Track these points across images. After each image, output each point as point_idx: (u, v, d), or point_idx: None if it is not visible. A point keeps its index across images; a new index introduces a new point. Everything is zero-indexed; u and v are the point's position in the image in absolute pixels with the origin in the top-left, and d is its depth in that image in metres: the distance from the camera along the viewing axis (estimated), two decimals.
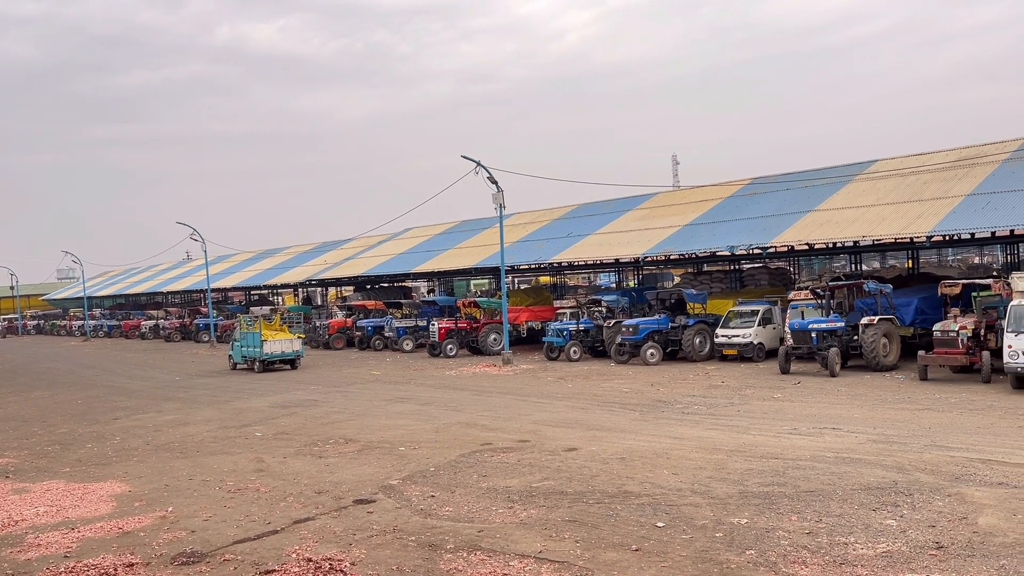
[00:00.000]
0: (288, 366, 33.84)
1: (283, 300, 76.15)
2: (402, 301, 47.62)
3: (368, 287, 57.05)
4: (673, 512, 10.31)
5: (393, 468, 13.70)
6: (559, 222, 43.44)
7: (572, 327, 32.76)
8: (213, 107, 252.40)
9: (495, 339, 35.96)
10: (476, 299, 42.99)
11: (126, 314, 76.78)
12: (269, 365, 33.38)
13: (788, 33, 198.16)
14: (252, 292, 74.26)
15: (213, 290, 61.42)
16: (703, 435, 15.46)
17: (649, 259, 36.43)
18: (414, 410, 20.62)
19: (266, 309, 51.41)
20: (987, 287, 23.14)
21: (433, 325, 37.29)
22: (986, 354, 20.90)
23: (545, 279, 60.69)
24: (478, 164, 31.15)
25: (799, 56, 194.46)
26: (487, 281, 62.90)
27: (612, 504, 10.83)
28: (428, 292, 67.50)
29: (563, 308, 36.91)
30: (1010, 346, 19.12)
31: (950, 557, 8.33)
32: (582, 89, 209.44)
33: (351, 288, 61.97)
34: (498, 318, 36.11)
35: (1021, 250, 45.06)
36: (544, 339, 33.61)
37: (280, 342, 33.55)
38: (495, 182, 31.35)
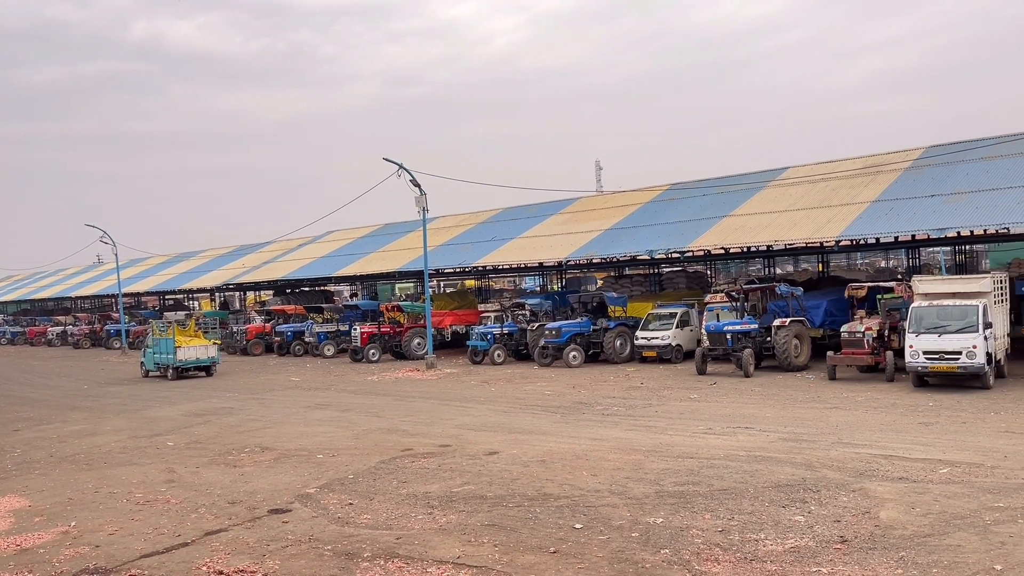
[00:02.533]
0: (203, 373, 32.84)
1: (199, 305, 73.94)
2: (323, 305, 46.83)
3: (288, 291, 55.92)
4: (591, 513, 10.41)
5: (310, 476, 13.43)
6: (484, 226, 43.49)
7: (496, 330, 32.83)
8: (128, 105, 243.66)
9: (419, 343, 35.73)
10: (399, 303, 42.64)
11: (31, 320, 73.26)
12: (183, 372, 32.33)
13: (707, 42, 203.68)
14: (167, 297, 71.81)
15: (126, 295, 59.21)
16: (622, 436, 15.68)
17: (572, 263, 36.83)
18: (334, 417, 20.29)
19: (181, 314, 49.80)
20: (890, 290, 24.22)
21: (355, 329, 36.80)
22: (890, 354, 21.86)
23: (470, 283, 60.65)
24: (400, 167, 30.92)
25: (718, 65, 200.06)
26: (412, 285, 62.47)
27: (531, 507, 10.88)
28: (351, 296, 66.59)
29: (487, 312, 36.98)
30: (911, 346, 20.05)
31: (853, 550, 8.65)
32: (508, 94, 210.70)
33: (270, 292, 60.63)
34: (422, 322, 35.90)
35: (922, 254, 47.33)
36: (468, 343, 33.58)
37: (195, 348, 32.53)
38: (418, 185, 31.17)
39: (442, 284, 65.44)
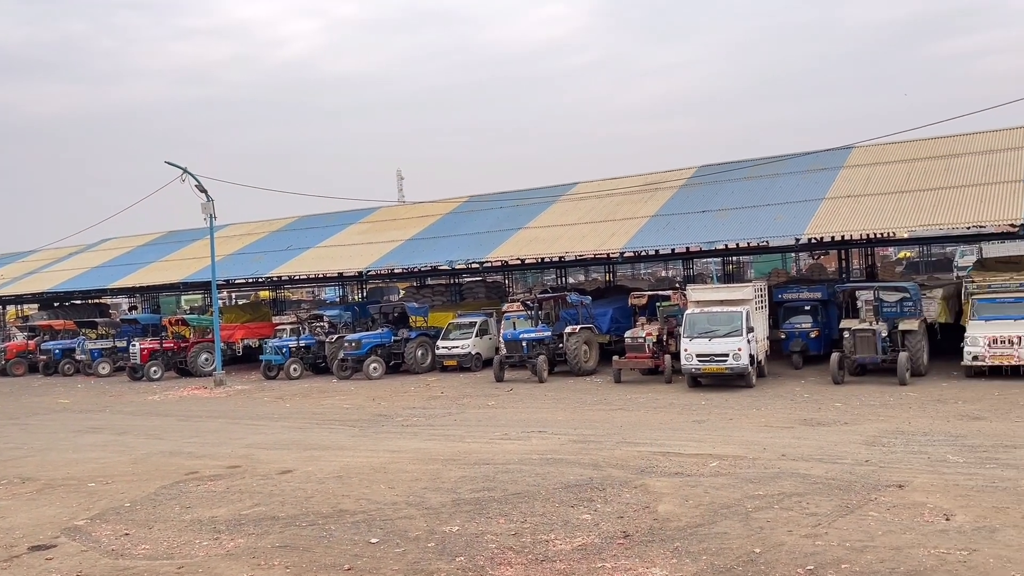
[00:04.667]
0: None
1: None
2: (97, 320, 42.98)
3: (56, 305, 50.79)
4: (388, 527, 10.34)
5: (80, 507, 12.28)
6: (278, 234, 41.95)
7: (292, 343, 31.76)
8: None
9: (207, 359, 33.74)
10: (184, 316, 40.07)
11: None
12: None
13: (505, 59, 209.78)
14: None
15: None
16: (421, 446, 15.72)
17: (373, 273, 36.43)
18: (108, 440, 18.69)
19: None
20: (668, 298, 26.13)
21: (134, 346, 34.12)
22: (668, 357, 23.57)
23: (264, 294, 58.21)
24: (184, 171, 29.14)
25: (514, 81, 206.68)
26: (200, 297, 58.94)
27: (326, 525, 10.61)
28: (130, 310, 61.65)
29: (283, 324, 35.64)
30: (686, 350, 21.75)
31: (635, 544, 9.22)
32: (306, 99, 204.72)
33: (36, 306, 54.79)
34: (210, 336, 33.94)
35: (697, 265, 51.53)
36: (262, 357, 32.20)
37: None
38: (204, 191, 29.52)
39: (234, 296, 62.29)
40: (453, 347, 29.38)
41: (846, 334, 21.89)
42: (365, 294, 51.21)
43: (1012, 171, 23.92)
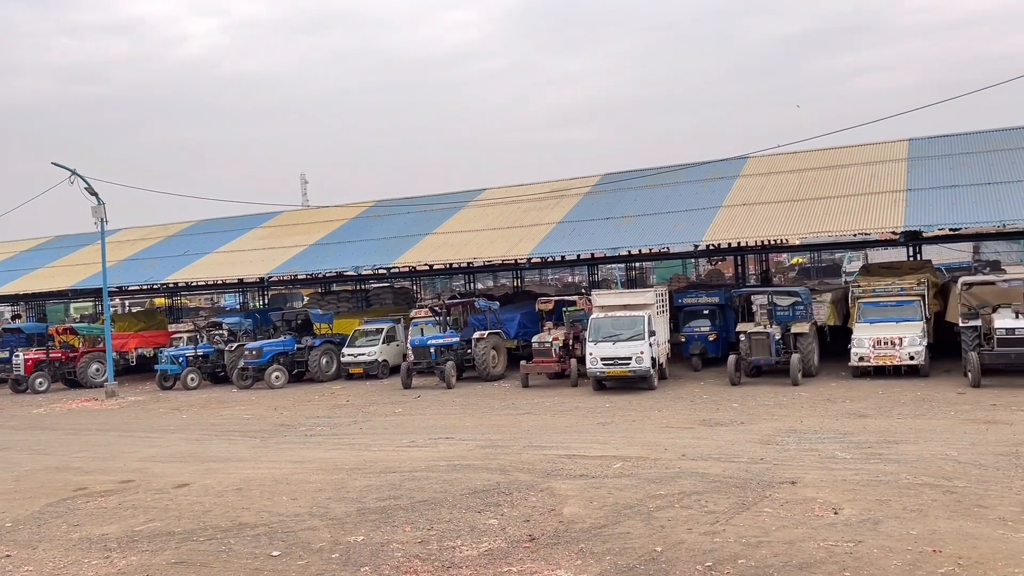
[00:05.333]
0: None
1: None
2: None
3: None
4: (290, 539, 10.10)
5: None
6: (175, 239, 40.44)
7: (189, 352, 30.64)
8: None
9: (98, 369, 32.18)
10: (73, 325, 38.11)
11: None
12: None
13: (413, 63, 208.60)
14: None
15: None
16: (325, 456, 15.42)
17: (275, 279, 35.56)
18: None
19: None
20: (573, 303, 26.53)
21: (17, 356, 32.21)
22: (573, 361, 23.92)
23: (160, 301, 55.96)
24: (73, 172, 27.76)
25: (423, 86, 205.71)
26: (91, 304, 56.15)
27: (225, 539, 10.28)
28: (13, 318, 58.15)
29: (179, 332, 34.34)
30: (591, 354, 22.13)
31: (540, 547, 9.30)
32: (206, 99, 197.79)
33: None
34: (101, 345, 32.37)
35: (602, 270, 52.46)
36: (157, 367, 30.93)
37: None
38: (95, 194, 28.18)
39: (127, 303, 59.63)
40: (359, 354, 28.97)
41: (742, 337, 22.73)
42: (267, 301, 49.91)
43: (893, 182, 25.38)
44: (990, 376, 19.44)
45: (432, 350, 25.95)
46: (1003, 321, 19.61)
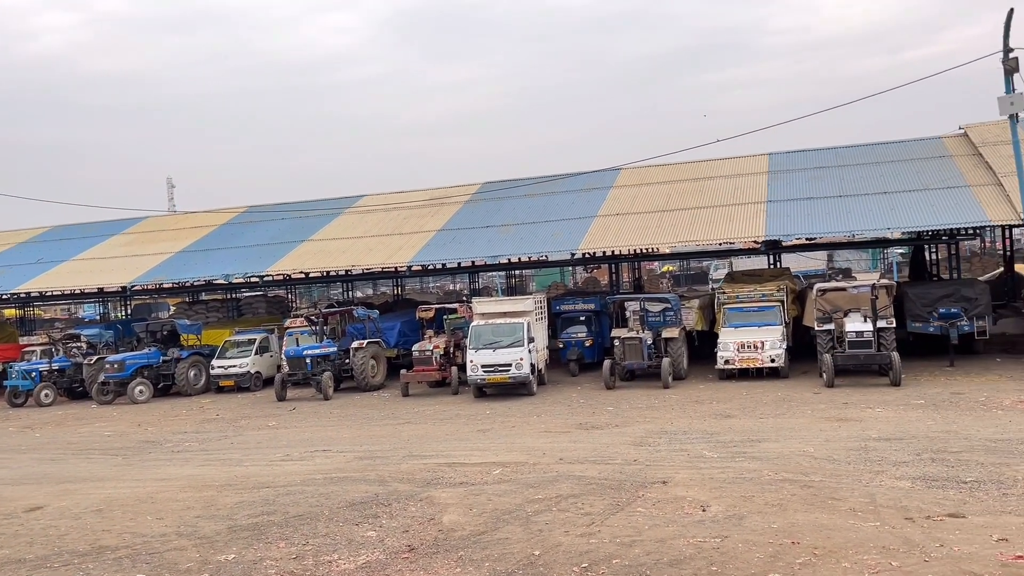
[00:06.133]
0: None
1: None
2: None
3: None
4: (155, 560, 9.61)
5: None
6: (26, 246, 37.79)
7: (43, 367, 28.64)
8: None
9: None
10: None
11: None
12: None
13: (289, 66, 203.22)
14: None
15: None
16: (193, 473, 14.77)
17: (139, 288, 33.79)
18: None
19: None
20: (454, 311, 26.56)
21: None
22: (454, 369, 23.94)
23: (10, 312, 52.00)
24: None
25: (299, 90, 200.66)
26: None
27: (83, 563, 9.67)
28: None
29: (32, 345, 32.06)
30: (472, 361, 22.22)
31: (420, 557, 9.24)
32: (64, 97, 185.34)
33: None
34: None
35: (483, 278, 52.76)
36: (6, 383, 28.74)
37: None
38: None
39: None
40: (230, 366, 27.93)
41: (616, 342, 23.42)
42: (130, 311, 47.35)
43: (755, 194, 26.84)
44: (843, 376, 20.81)
45: (308, 360, 25.33)
46: (853, 325, 21.08)
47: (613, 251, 26.91)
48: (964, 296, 23.06)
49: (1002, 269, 33.01)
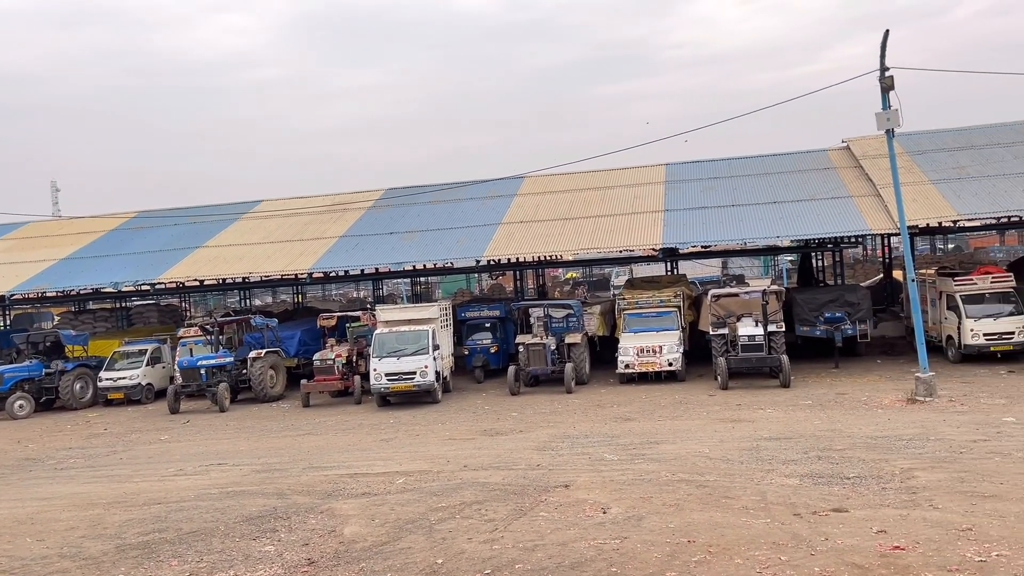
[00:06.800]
0: None
1: None
2: None
3: None
4: None
5: None
6: None
7: None
8: None
9: None
10: None
11: None
12: None
13: (183, 66, 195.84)
14: None
15: None
16: (79, 491, 14.03)
17: (19, 296, 31.90)
18: None
19: None
20: (357, 318, 26.19)
21: None
22: (357, 378, 23.57)
23: None
24: None
25: (193, 91, 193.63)
26: None
27: None
28: None
29: None
30: (375, 370, 21.96)
31: (320, 570, 9.06)
32: None
33: None
34: None
35: (388, 285, 52.25)
36: None
37: None
38: None
39: None
40: (119, 378, 26.67)
41: (521, 348, 23.61)
42: (9, 322, 44.58)
43: (653, 203, 27.58)
44: (736, 379, 21.61)
45: (203, 371, 24.46)
46: (745, 329, 21.94)
47: (518, 258, 27.13)
48: (847, 301, 24.34)
49: (882, 275, 35.04)
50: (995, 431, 14.19)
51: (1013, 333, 22.21)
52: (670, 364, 22.81)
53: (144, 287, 29.44)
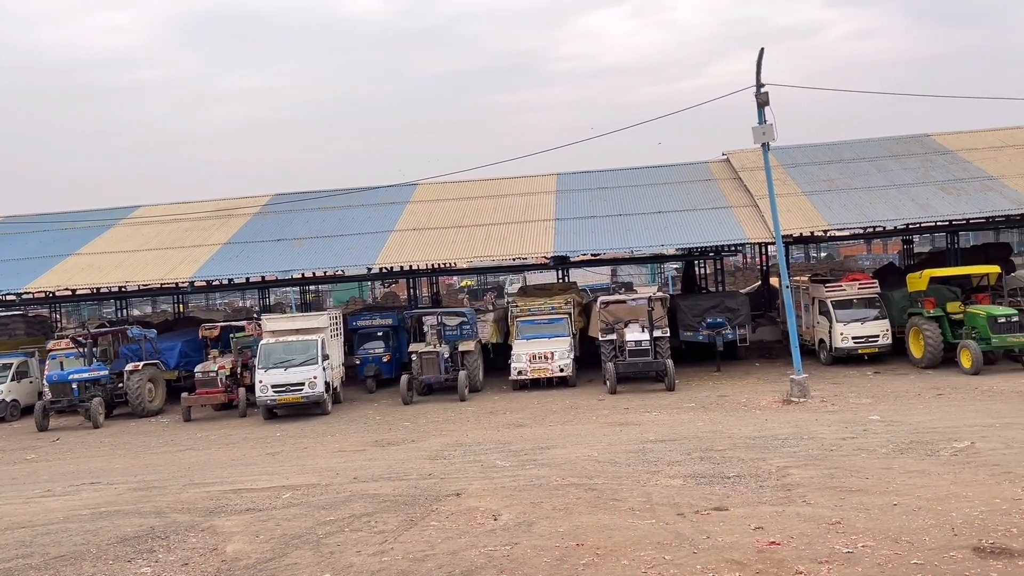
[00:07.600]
0: None
1: None
2: None
3: None
4: None
5: None
6: None
7: None
8: None
9: None
10: None
11: None
12: None
13: (53, 66, 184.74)
14: None
15: None
16: None
17: None
18: None
19: None
20: (242, 328, 25.33)
21: None
22: (242, 391, 22.79)
23: None
24: None
25: (63, 92, 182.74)
26: None
27: None
28: None
29: None
30: (261, 381, 21.27)
31: None
32: None
33: None
34: None
35: (276, 294, 50.80)
36: None
37: None
38: None
39: None
40: None
41: (414, 357, 23.42)
42: None
43: (545, 211, 27.96)
44: (624, 383, 22.14)
45: (75, 386, 23.09)
46: (632, 335, 22.53)
47: (411, 266, 26.92)
48: (728, 307, 25.37)
49: (760, 282, 36.71)
50: (862, 429, 15.09)
51: (878, 336, 23.69)
52: (561, 370, 23.15)
53: (9, 297, 27.60)
